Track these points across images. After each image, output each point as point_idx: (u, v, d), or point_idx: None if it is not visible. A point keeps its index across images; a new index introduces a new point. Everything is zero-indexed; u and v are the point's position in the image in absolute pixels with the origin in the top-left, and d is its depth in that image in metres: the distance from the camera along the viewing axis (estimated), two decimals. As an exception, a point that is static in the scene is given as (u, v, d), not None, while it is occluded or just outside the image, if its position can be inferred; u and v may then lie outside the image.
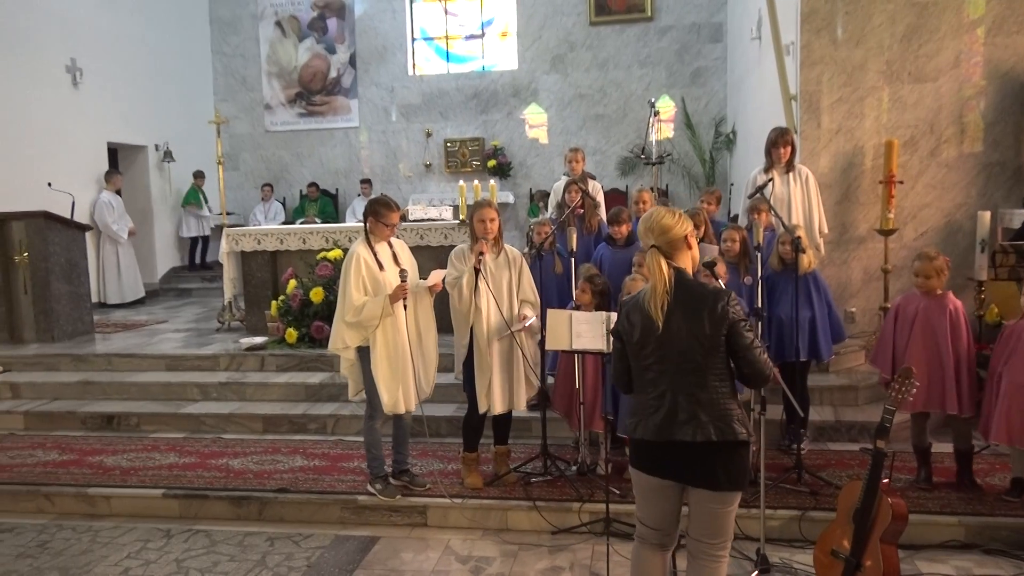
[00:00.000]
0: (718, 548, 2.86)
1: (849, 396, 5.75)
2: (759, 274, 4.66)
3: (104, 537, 4.58)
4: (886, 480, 3.48)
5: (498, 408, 4.60)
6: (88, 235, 8.83)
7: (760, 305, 4.60)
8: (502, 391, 4.59)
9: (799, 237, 4.67)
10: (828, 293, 5.01)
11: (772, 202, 5.41)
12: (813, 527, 4.09)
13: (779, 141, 5.82)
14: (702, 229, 5.22)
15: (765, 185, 5.31)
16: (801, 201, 5.89)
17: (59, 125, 9.81)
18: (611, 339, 3.02)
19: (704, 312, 2.72)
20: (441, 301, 4.69)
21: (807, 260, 4.75)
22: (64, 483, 5.10)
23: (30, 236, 7.84)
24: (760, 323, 4.53)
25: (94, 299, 9.33)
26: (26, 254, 7.84)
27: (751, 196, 5.44)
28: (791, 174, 5.87)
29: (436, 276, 4.56)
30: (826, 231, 6.08)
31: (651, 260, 2.79)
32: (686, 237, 2.84)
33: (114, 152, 11.18)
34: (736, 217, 7.46)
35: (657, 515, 2.92)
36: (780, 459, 4.95)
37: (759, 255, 4.66)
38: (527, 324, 4.55)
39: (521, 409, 4.78)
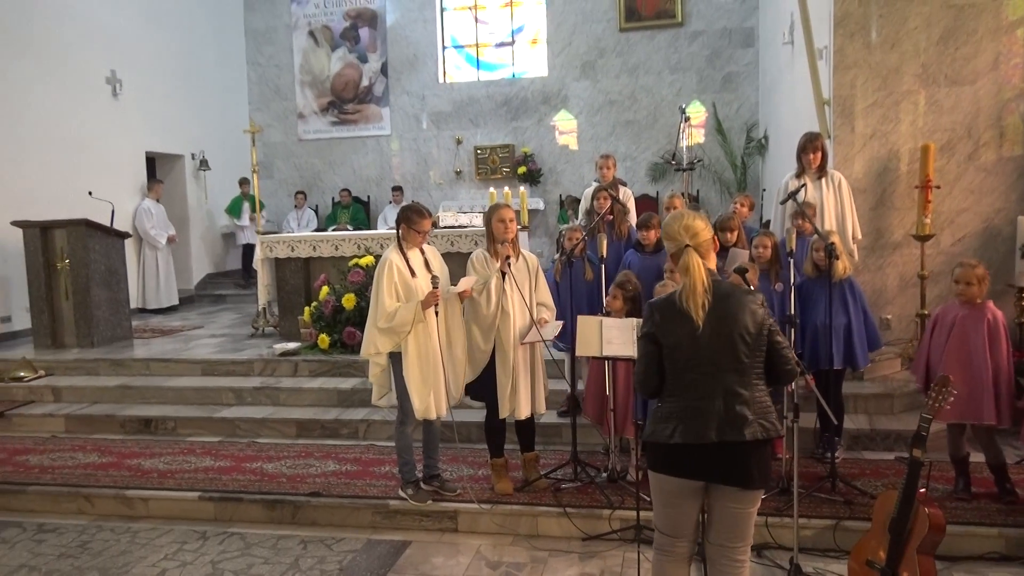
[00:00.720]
0: (740, 552, 2.86)
1: (885, 404, 5.66)
2: (791, 280, 4.62)
3: (142, 538, 4.67)
4: (923, 489, 3.43)
5: (523, 412, 4.60)
6: (129, 242, 9.03)
7: (792, 312, 4.56)
8: (527, 395, 4.59)
9: (833, 243, 4.62)
10: (864, 300, 4.94)
11: (811, 208, 5.35)
12: (848, 537, 4.03)
13: (808, 147, 5.77)
14: (735, 234, 5.19)
15: (797, 191, 5.25)
16: (834, 206, 5.82)
17: (99, 135, 10.05)
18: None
19: (745, 311, 2.75)
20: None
21: (841, 266, 4.70)
22: (104, 485, 5.21)
23: (71, 243, 8.04)
24: (792, 330, 4.48)
25: (134, 304, 9.54)
26: (67, 261, 8.04)
27: (783, 202, 5.39)
28: (824, 179, 5.81)
29: (466, 282, 4.58)
30: (860, 237, 6.00)
31: (688, 259, 2.77)
32: (713, 240, 2.89)
33: (152, 161, 11.42)
34: (768, 223, 7.40)
35: (679, 522, 2.90)
36: (814, 467, 4.89)
37: (791, 261, 4.62)
38: (553, 326, 4.55)
39: (543, 413, 4.78)
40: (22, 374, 7.18)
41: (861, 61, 6.38)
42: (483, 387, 4.63)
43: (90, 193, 9.34)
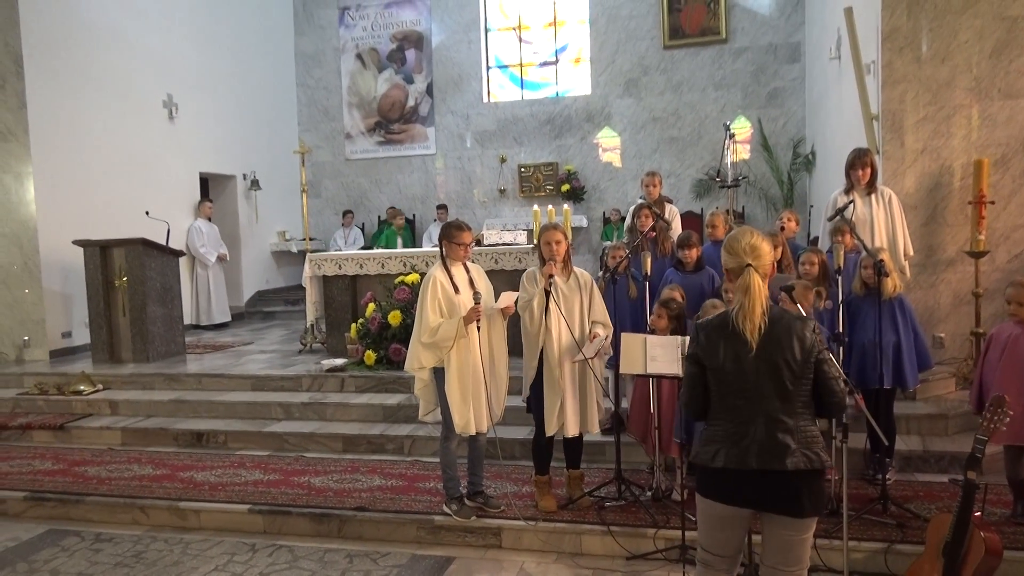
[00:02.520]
0: (797, 573, 2.81)
1: (938, 425, 5.52)
2: (839, 298, 4.55)
3: (194, 549, 4.79)
4: (978, 513, 3.34)
5: (571, 431, 4.60)
6: (182, 259, 9.30)
7: (841, 330, 4.49)
8: (575, 413, 4.60)
9: (882, 260, 4.54)
10: (914, 318, 4.84)
11: (854, 224, 5.28)
12: (900, 561, 3.93)
13: (857, 163, 5.68)
14: (779, 251, 5.14)
15: (846, 207, 5.19)
16: (884, 223, 5.72)
17: (156, 157, 10.40)
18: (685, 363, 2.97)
19: (794, 338, 2.71)
20: (513, 324, 4.75)
21: (891, 284, 4.61)
22: (158, 496, 5.36)
23: (129, 262, 8.32)
24: (840, 348, 4.41)
25: (188, 320, 9.81)
26: (125, 279, 8.32)
27: (831, 218, 5.33)
28: (873, 195, 5.71)
29: (507, 298, 4.61)
30: (911, 253, 5.88)
31: (749, 280, 2.74)
32: (772, 264, 2.86)
33: (205, 181, 11.77)
34: (816, 239, 7.30)
35: (725, 544, 2.87)
36: (864, 489, 4.78)
37: (839, 279, 4.56)
38: (599, 341, 4.55)
39: (594, 432, 4.78)
40: (82, 388, 7.43)
41: (911, 75, 6.29)
42: (536, 403, 4.66)
43: (147, 213, 9.66)
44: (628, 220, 6.65)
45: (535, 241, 4.78)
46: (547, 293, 4.50)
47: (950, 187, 6.29)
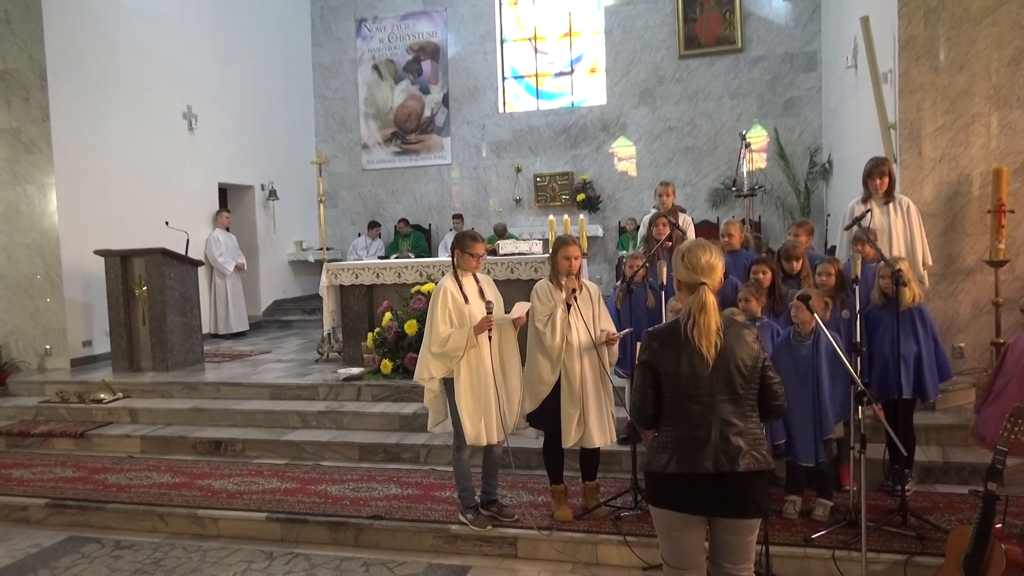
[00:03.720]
0: (744, 571, 2.90)
1: (958, 436, 5.46)
2: (857, 308, 4.53)
3: (212, 557, 4.82)
4: (999, 525, 3.31)
5: (597, 441, 4.60)
6: (201, 269, 9.39)
7: (858, 340, 4.47)
8: (600, 424, 4.60)
9: (900, 270, 4.52)
10: (934, 328, 4.80)
11: (874, 233, 5.25)
12: (919, 573, 3.90)
13: (875, 172, 5.65)
14: (799, 263, 5.12)
15: (863, 216, 5.17)
16: (903, 232, 5.68)
17: (175, 167, 10.53)
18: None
19: (742, 343, 2.82)
20: (524, 334, 4.76)
21: (910, 293, 4.59)
22: (176, 504, 5.40)
23: (149, 272, 8.42)
24: (859, 358, 4.39)
25: (206, 329, 9.89)
26: (145, 288, 8.41)
27: (848, 227, 5.30)
28: (891, 204, 5.67)
29: (520, 309, 4.61)
30: (931, 263, 5.83)
31: (704, 298, 2.80)
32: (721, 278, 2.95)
33: (224, 192, 11.89)
34: (833, 249, 7.27)
35: (684, 551, 2.88)
36: (883, 501, 4.74)
37: (856, 288, 4.54)
38: (618, 336, 4.58)
39: (613, 442, 4.77)
40: (102, 396, 7.51)
41: (928, 84, 6.26)
42: (543, 416, 4.65)
43: (167, 223, 9.76)
44: (643, 230, 6.66)
45: (550, 251, 4.79)
46: (569, 307, 4.52)
47: (969, 196, 6.25)
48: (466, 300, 4.56)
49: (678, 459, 2.79)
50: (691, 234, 6.59)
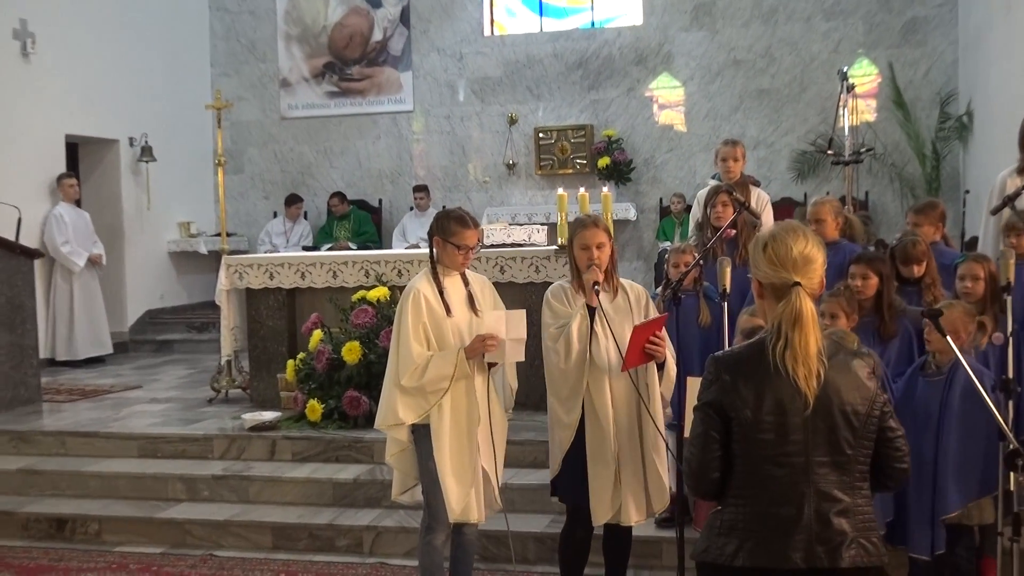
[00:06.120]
0: None
1: None
2: (1009, 329, 4.54)
3: None
4: None
5: (634, 516, 4.48)
6: (38, 263, 9.33)
7: (1011, 375, 4.48)
8: (635, 493, 4.54)
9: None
10: None
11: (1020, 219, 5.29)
12: None
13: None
14: (922, 267, 5.13)
15: (1018, 195, 5.20)
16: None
17: (2, 109, 10.45)
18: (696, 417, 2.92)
19: (851, 379, 2.77)
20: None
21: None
22: (-1, 613, 5.38)
23: (-42, 265, 8.38)
24: (1011, 402, 4.41)
25: (44, 353, 9.83)
26: (-48, 291, 8.38)
27: (995, 210, 5.34)
28: (1062, 177, 5.73)
29: (496, 322, 4.44)
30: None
31: (798, 305, 2.73)
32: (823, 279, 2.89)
33: (74, 148, 11.85)
34: (975, 241, 7.30)
35: None
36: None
37: (1008, 299, 4.56)
38: (664, 343, 4.41)
39: (651, 519, 4.77)
40: None
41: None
42: (566, 481, 4.56)
43: (-14, 193, 9.72)
44: (697, 211, 6.66)
45: (562, 241, 4.78)
46: (591, 312, 4.44)
47: None
48: (448, 311, 4.53)
49: (752, 547, 2.77)
50: (767, 219, 6.60)
